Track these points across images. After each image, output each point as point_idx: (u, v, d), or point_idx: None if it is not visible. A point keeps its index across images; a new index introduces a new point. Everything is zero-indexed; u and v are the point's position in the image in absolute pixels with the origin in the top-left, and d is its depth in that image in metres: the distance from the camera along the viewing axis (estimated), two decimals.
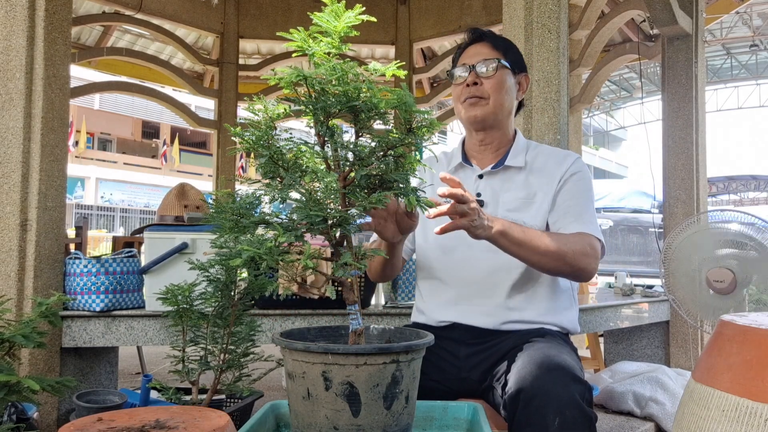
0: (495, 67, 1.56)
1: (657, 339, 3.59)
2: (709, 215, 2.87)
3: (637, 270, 7.62)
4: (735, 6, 6.15)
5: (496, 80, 1.56)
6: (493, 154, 1.63)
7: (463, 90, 1.58)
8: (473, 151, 1.66)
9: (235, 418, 1.90)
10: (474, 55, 1.59)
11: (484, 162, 1.63)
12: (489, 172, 1.60)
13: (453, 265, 1.57)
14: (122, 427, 0.92)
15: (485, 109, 1.56)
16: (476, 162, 1.65)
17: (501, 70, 1.57)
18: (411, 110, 0.99)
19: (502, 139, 1.63)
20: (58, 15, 2.32)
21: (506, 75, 1.58)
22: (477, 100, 1.56)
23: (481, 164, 1.64)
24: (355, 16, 0.96)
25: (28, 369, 2.18)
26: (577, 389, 1.19)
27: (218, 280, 1.69)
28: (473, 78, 1.56)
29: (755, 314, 1.13)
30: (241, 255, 0.94)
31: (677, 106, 3.68)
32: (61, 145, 2.33)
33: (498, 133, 1.62)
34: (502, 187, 1.58)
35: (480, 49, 1.60)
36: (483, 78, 1.56)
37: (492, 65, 1.56)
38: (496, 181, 1.59)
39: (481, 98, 1.56)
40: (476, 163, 1.64)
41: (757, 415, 0.93)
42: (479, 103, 1.56)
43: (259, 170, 1.03)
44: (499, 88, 1.56)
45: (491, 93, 1.56)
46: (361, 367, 0.93)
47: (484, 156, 1.64)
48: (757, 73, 17.47)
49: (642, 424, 2.66)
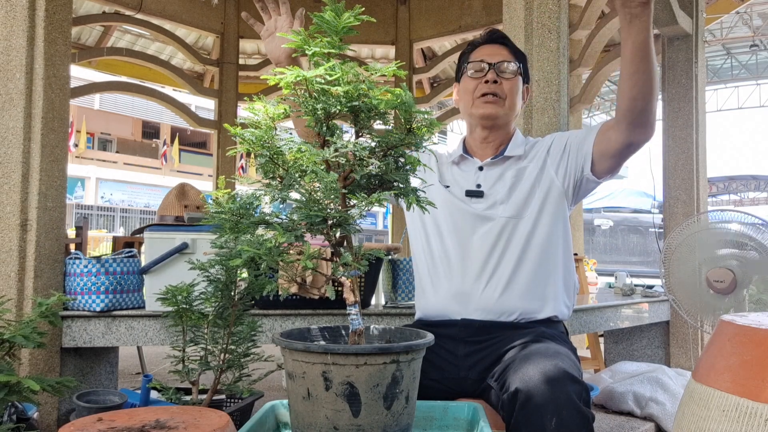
0: (515, 71, 1.62)
1: (657, 339, 3.59)
2: (709, 215, 2.87)
3: (637, 270, 7.62)
4: (735, 6, 6.15)
5: (513, 84, 1.62)
6: (494, 149, 1.68)
7: (480, 85, 1.61)
8: (474, 146, 1.70)
9: (235, 418, 1.90)
10: (494, 55, 1.62)
11: (485, 155, 1.67)
12: (489, 163, 1.64)
13: (449, 259, 1.59)
14: (122, 427, 0.92)
15: (502, 108, 1.61)
16: (477, 156, 1.69)
17: (518, 76, 1.63)
18: (411, 110, 0.99)
19: (503, 137, 1.68)
20: (58, 15, 2.32)
21: (519, 82, 1.64)
22: (495, 99, 1.60)
23: (481, 157, 1.68)
24: (355, 16, 0.96)
25: (28, 369, 2.18)
26: (574, 389, 1.19)
27: (218, 280, 1.69)
28: (494, 75, 1.60)
29: (755, 314, 1.13)
30: (241, 255, 0.94)
31: (677, 106, 3.68)
32: (61, 145, 2.33)
33: (501, 132, 1.66)
34: (501, 175, 1.62)
35: (500, 51, 1.64)
36: (503, 78, 1.60)
37: (513, 68, 1.61)
38: (496, 171, 1.63)
39: (500, 97, 1.60)
40: (476, 156, 1.69)
41: (757, 415, 0.93)
42: (498, 101, 1.60)
43: (259, 170, 1.03)
44: (516, 91, 1.62)
45: (509, 94, 1.61)
46: (361, 367, 0.93)
47: (484, 151, 1.68)
48: (758, 73, 17.46)
49: (642, 424, 2.66)
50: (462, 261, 1.57)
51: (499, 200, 1.58)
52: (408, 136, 1.01)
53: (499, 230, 1.55)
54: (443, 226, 1.62)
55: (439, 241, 1.62)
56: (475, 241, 1.56)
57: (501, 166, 1.64)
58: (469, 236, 1.57)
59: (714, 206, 10.95)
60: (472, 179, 1.64)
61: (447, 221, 1.61)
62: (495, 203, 1.58)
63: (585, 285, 3.48)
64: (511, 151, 1.64)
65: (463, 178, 1.65)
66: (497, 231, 1.56)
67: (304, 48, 0.97)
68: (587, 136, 1.57)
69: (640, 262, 8.45)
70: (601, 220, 9.05)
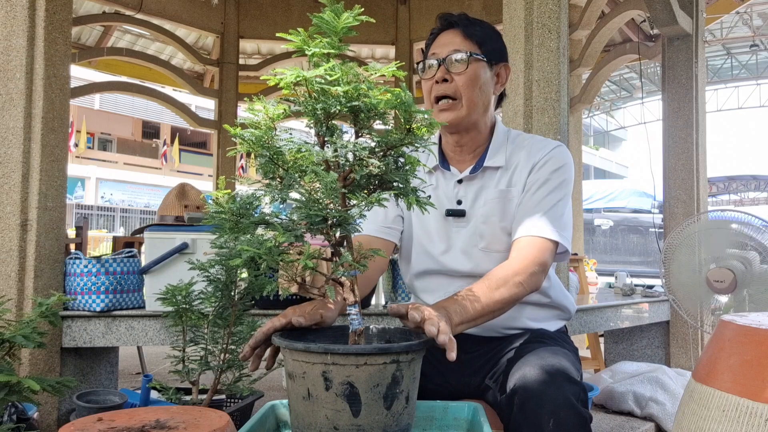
0: (466, 61, 1.39)
1: (657, 339, 3.59)
2: (710, 215, 2.87)
3: (637, 270, 7.63)
4: (735, 6, 6.15)
5: (467, 76, 1.39)
6: (471, 155, 1.50)
7: (432, 86, 1.42)
8: (450, 151, 1.53)
9: (235, 418, 1.90)
10: (444, 45, 1.42)
11: (463, 165, 1.50)
12: (468, 176, 1.48)
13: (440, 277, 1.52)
14: (122, 427, 0.92)
15: (458, 113, 1.40)
16: (454, 164, 1.51)
17: (474, 63, 1.40)
18: (410, 110, 0.99)
19: (478, 138, 1.48)
20: (58, 15, 2.32)
21: (480, 69, 1.41)
22: (448, 104, 1.40)
23: (459, 167, 1.51)
24: (354, 16, 0.96)
25: (29, 369, 2.18)
26: (572, 390, 1.19)
27: (218, 280, 1.69)
28: (443, 74, 1.40)
29: (755, 314, 1.13)
30: (241, 255, 0.94)
31: (677, 106, 3.68)
32: (61, 145, 2.33)
33: (473, 134, 1.47)
34: (482, 188, 1.47)
35: (452, 38, 1.42)
36: (454, 74, 1.39)
37: (461, 58, 1.38)
38: (476, 185, 1.47)
39: (453, 99, 1.40)
40: (454, 165, 1.51)
41: (757, 415, 0.93)
42: (452, 107, 1.40)
43: (259, 170, 1.03)
44: (472, 84, 1.40)
45: (463, 92, 1.40)
46: (361, 367, 0.93)
47: (462, 158, 1.51)
48: (758, 73, 17.46)
49: (642, 424, 2.66)
50: (450, 283, 1.47)
51: (480, 230, 1.45)
52: (408, 136, 1.01)
53: (483, 256, 1.44)
54: (428, 245, 1.50)
55: (423, 264, 1.52)
56: (459, 264, 1.46)
57: (480, 179, 1.47)
58: (451, 263, 1.48)
59: (714, 206, 10.96)
60: (452, 194, 1.49)
61: (430, 242, 1.50)
62: (475, 233, 1.45)
63: (585, 285, 3.48)
64: (490, 160, 1.46)
65: (443, 192, 1.50)
66: (481, 257, 1.44)
67: (304, 48, 0.97)
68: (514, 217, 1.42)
69: (640, 262, 8.45)
70: (601, 220, 9.05)
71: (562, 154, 1.45)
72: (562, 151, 1.47)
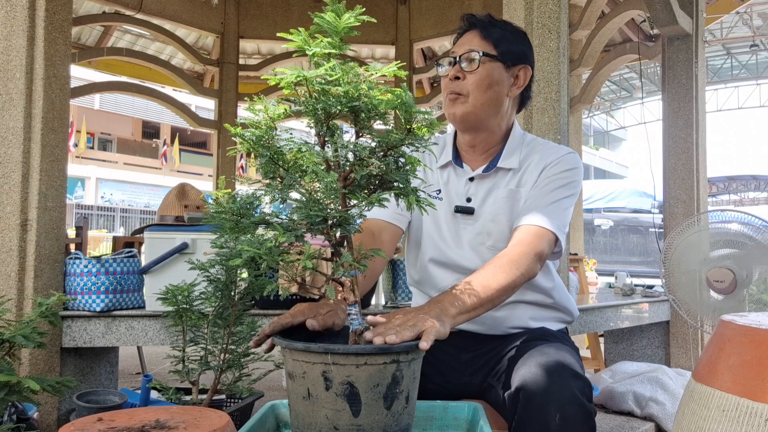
0: (478, 61, 1.41)
1: (657, 339, 3.59)
2: (710, 215, 2.87)
3: (637, 270, 7.63)
4: (735, 6, 6.15)
5: (478, 76, 1.42)
6: (483, 155, 1.52)
7: (446, 84, 1.47)
8: (463, 150, 1.55)
9: (235, 418, 1.90)
10: (462, 45, 1.45)
11: (476, 163, 1.52)
12: (480, 175, 1.49)
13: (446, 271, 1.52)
14: (122, 427, 0.92)
15: (464, 107, 1.43)
16: (467, 162, 1.53)
17: (487, 63, 1.42)
18: (411, 110, 0.99)
19: (490, 140, 1.50)
20: (58, 15, 2.32)
21: (494, 69, 1.43)
22: (456, 97, 1.43)
23: (472, 165, 1.53)
24: (355, 16, 0.96)
25: (29, 369, 2.18)
26: (577, 385, 1.19)
27: (218, 280, 1.70)
28: (455, 72, 1.43)
29: (755, 314, 1.13)
30: (241, 255, 0.94)
31: (677, 106, 3.68)
32: (61, 145, 2.33)
33: (484, 134, 1.49)
34: (493, 188, 1.49)
35: (470, 39, 1.45)
36: (466, 72, 1.43)
37: (474, 57, 1.41)
38: (487, 184, 1.49)
39: (460, 95, 1.43)
40: (467, 163, 1.53)
41: (757, 415, 0.93)
42: (458, 100, 1.43)
43: (259, 170, 1.03)
44: (481, 84, 1.42)
45: (471, 90, 1.42)
46: (361, 367, 0.93)
47: (474, 157, 1.53)
48: (758, 73, 17.46)
49: (642, 424, 2.66)
50: (456, 279, 1.44)
51: (488, 228, 1.46)
52: (408, 136, 1.01)
53: (490, 255, 1.43)
54: (437, 238, 1.51)
55: (431, 253, 1.53)
56: (467, 260, 1.47)
57: (493, 179, 1.49)
58: (459, 259, 1.48)
59: (714, 206, 10.96)
60: (462, 191, 1.50)
61: (440, 236, 1.51)
62: (482, 231, 1.47)
63: (585, 285, 3.48)
64: (503, 161, 1.48)
65: (453, 189, 1.52)
66: (489, 255, 1.43)
67: (305, 48, 0.97)
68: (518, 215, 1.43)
69: (640, 262, 8.45)
70: (601, 220, 9.05)
71: (575, 160, 1.49)
72: (575, 157, 1.50)
